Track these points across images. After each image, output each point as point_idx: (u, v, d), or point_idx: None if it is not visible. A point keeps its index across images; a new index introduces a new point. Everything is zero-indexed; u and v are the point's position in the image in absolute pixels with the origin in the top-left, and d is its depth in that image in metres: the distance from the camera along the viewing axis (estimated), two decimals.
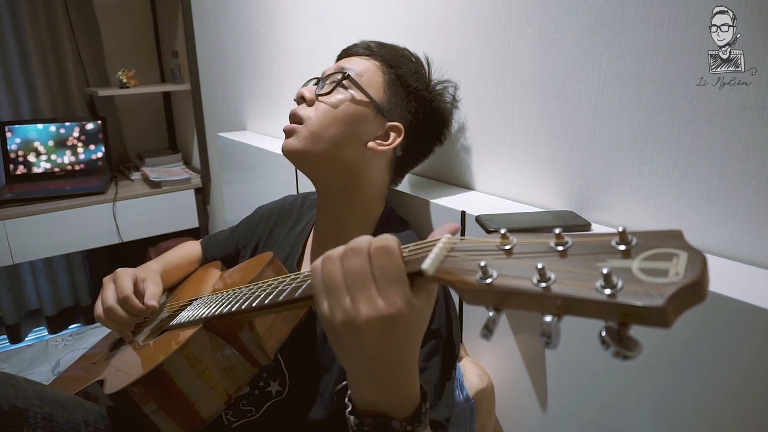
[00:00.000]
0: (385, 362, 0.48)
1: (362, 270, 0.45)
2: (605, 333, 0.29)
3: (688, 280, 0.28)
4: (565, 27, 0.84)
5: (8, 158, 2.39)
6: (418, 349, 0.50)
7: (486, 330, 0.35)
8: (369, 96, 0.87)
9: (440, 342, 0.77)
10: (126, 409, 0.68)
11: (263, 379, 0.84)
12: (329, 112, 0.86)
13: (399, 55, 0.93)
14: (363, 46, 0.94)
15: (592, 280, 0.30)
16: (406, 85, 0.90)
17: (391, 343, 0.46)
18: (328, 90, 0.87)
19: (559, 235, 0.35)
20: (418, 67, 0.95)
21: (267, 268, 0.83)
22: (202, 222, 2.61)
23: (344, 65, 0.91)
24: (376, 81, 0.89)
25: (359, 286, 0.45)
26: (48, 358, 2.48)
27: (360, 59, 0.91)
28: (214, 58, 2.26)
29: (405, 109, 0.91)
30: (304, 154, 0.87)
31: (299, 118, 0.88)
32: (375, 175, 0.91)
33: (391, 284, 0.45)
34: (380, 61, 0.91)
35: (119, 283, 0.88)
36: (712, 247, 0.72)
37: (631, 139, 0.79)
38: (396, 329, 0.45)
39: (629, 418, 0.72)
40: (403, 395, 0.52)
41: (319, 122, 0.86)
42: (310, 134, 0.86)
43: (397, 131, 0.89)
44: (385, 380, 0.50)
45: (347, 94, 0.87)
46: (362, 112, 0.87)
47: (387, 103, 0.89)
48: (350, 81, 0.87)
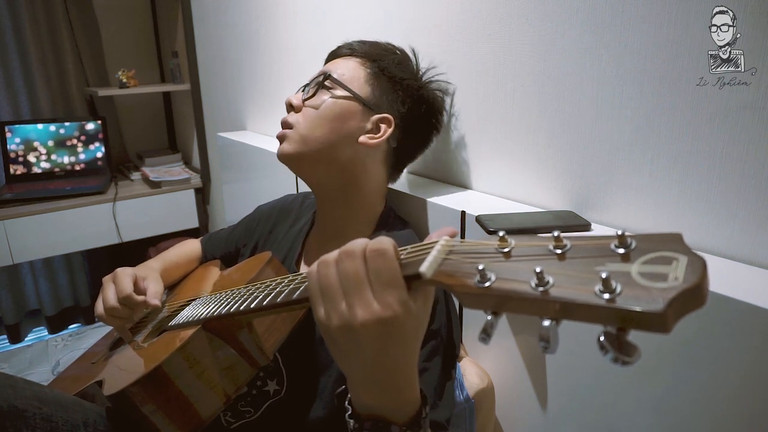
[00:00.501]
0: (383, 366, 0.48)
1: (357, 273, 0.45)
2: (604, 338, 0.29)
3: (688, 284, 0.28)
4: (565, 27, 0.84)
5: (8, 158, 2.39)
6: (417, 352, 0.50)
7: (484, 334, 0.34)
8: (352, 92, 0.88)
9: (440, 342, 0.77)
10: (125, 410, 0.68)
11: (260, 379, 0.84)
12: (315, 113, 0.88)
13: (380, 49, 0.94)
14: (345, 47, 0.95)
15: (590, 285, 0.30)
16: (390, 76, 0.91)
17: (388, 346, 0.46)
18: (311, 93, 0.90)
19: (558, 237, 0.35)
20: (402, 58, 0.95)
21: (266, 267, 0.83)
22: (202, 222, 2.61)
23: (326, 68, 0.92)
24: (358, 76, 0.90)
25: (355, 290, 0.45)
26: (48, 359, 2.48)
27: (342, 60, 0.93)
28: (214, 58, 2.26)
29: (393, 100, 0.91)
30: (297, 157, 0.88)
31: (289, 124, 0.90)
32: (371, 170, 0.91)
33: (386, 287, 0.44)
34: (361, 57, 0.92)
35: (119, 283, 0.88)
36: (712, 247, 0.72)
37: (631, 139, 0.79)
38: (393, 332, 0.45)
39: (629, 418, 0.72)
40: (403, 399, 0.51)
41: (307, 125, 0.88)
42: (299, 137, 0.88)
43: (387, 122, 0.89)
44: (384, 384, 0.50)
45: (331, 94, 0.88)
46: (347, 108, 0.88)
47: (372, 97, 0.89)
48: (332, 81, 0.89)
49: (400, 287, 0.44)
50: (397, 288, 0.44)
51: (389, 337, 0.45)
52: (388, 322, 0.44)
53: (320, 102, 0.88)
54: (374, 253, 0.45)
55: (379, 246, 0.45)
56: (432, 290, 0.49)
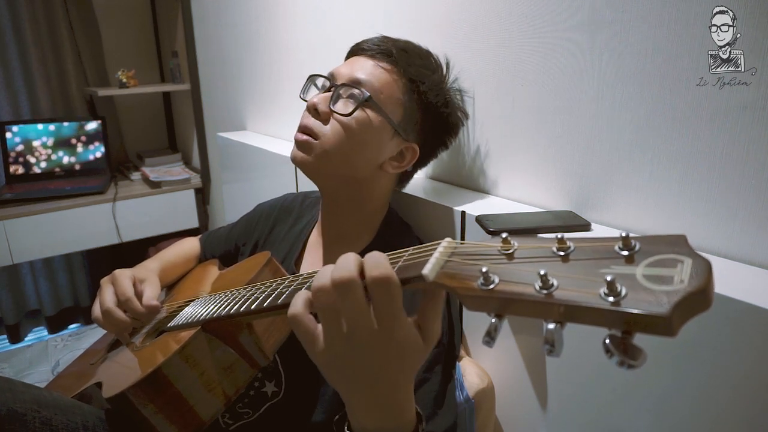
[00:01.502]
0: (384, 386, 0.47)
1: (359, 304, 0.43)
2: (609, 341, 0.29)
3: (693, 287, 0.27)
4: (565, 27, 0.84)
5: (8, 158, 2.39)
6: (416, 370, 0.49)
7: (488, 337, 0.34)
8: (388, 118, 0.83)
9: (442, 350, 0.77)
10: (124, 412, 0.68)
11: (258, 380, 0.83)
12: (345, 133, 0.82)
13: (421, 66, 0.87)
14: (383, 49, 0.85)
15: (595, 287, 0.30)
16: (426, 102, 0.86)
17: (391, 369, 0.46)
18: (347, 111, 0.82)
19: (561, 239, 0.35)
20: (439, 79, 0.89)
21: (265, 267, 0.82)
22: (202, 222, 2.61)
23: (359, 75, 0.83)
24: (395, 98, 0.84)
25: (358, 318, 0.43)
26: (48, 359, 2.48)
27: (377, 67, 0.84)
28: (214, 58, 2.25)
29: (421, 128, 0.88)
30: (316, 169, 0.85)
31: (314, 133, 0.83)
32: (383, 187, 0.91)
33: (392, 321, 0.43)
34: (401, 74, 0.84)
35: (119, 285, 0.85)
36: (713, 247, 0.72)
37: (631, 139, 0.79)
38: (398, 356, 0.45)
39: (629, 418, 0.71)
40: (405, 419, 0.50)
41: (335, 142, 0.82)
42: (323, 152, 0.83)
43: (413, 153, 0.88)
44: (385, 405, 0.48)
45: (365, 114, 0.82)
46: (379, 133, 0.83)
47: (403, 122, 0.85)
48: (371, 103, 0.82)
49: (405, 318, 0.44)
50: (404, 319, 0.44)
51: (395, 362, 0.45)
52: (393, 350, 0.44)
53: (350, 115, 0.82)
54: (378, 281, 0.42)
55: (383, 275, 0.42)
56: (439, 319, 0.47)
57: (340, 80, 0.85)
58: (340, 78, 0.85)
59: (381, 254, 0.44)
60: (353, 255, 0.44)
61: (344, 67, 0.86)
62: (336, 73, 0.86)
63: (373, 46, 0.86)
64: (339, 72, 0.86)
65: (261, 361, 0.73)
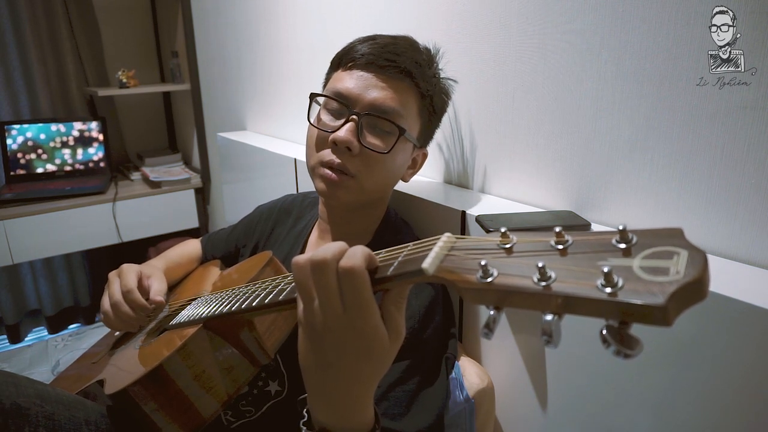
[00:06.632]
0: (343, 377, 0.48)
1: (329, 286, 0.45)
2: (606, 331, 0.29)
3: (689, 278, 0.28)
4: (565, 27, 0.84)
5: (8, 158, 2.39)
6: (380, 370, 0.49)
7: (486, 329, 0.35)
8: (413, 139, 0.86)
9: (427, 351, 0.77)
10: (126, 409, 0.68)
11: (262, 379, 0.84)
12: (382, 165, 0.82)
13: (430, 75, 0.86)
14: (401, 67, 0.81)
15: (592, 279, 0.30)
16: (434, 108, 0.89)
17: (353, 359, 0.46)
18: (386, 149, 0.80)
19: (560, 233, 0.35)
20: (445, 89, 0.91)
21: (266, 267, 0.83)
22: (202, 222, 2.61)
23: (385, 104, 0.80)
24: (413, 115, 0.85)
25: (326, 300, 0.45)
26: (48, 358, 2.48)
27: (395, 88, 0.81)
28: (214, 58, 2.26)
29: (431, 133, 0.93)
30: (352, 203, 0.86)
31: (349, 171, 0.81)
32: (390, 191, 0.95)
33: (358, 310, 0.44)
34: (415, 86, 0.84)
35: (123, 278, 0.88)
36: (713, 247, 0.72)
37: (631, 139, 0.79)
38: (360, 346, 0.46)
39: (629, 418, 0.72)
40: (357, 420, 0.50)
41: (372, 177, 0.82)
42: (360, 188, 0.82)
43: (423, 157, 0.93)
44: (337, 399, 0.49)
45: (389, 136, 0.82)
46: (406, 155, 0.87)
47: (419, 134, 0.89)
48: (405, 139, 0.82)
49: (371, 313, 0.45)
50: (369, 313, 0.45)
51: (356, 351, 0.46)
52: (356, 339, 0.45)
53: (380, 148, 0.80)
54: (344, 271, 0.44)
55: (350, 265, 0.44)
56: (402, 316, 0.48)
57: (359, 106, 0.80)
58: (358, 104, 0.80)
59: (362, 248, 0.45)
60: (341, 243, 0.46)
61: (359, 89, 0.81)
62: (351, 97, 0.81)
63: (385, 63, 0.81)
64: (354, 96, 0.80)
65: (262, 359, 0.73)
